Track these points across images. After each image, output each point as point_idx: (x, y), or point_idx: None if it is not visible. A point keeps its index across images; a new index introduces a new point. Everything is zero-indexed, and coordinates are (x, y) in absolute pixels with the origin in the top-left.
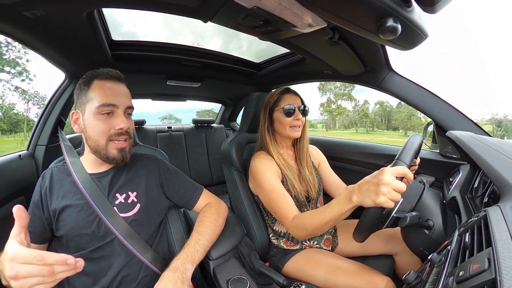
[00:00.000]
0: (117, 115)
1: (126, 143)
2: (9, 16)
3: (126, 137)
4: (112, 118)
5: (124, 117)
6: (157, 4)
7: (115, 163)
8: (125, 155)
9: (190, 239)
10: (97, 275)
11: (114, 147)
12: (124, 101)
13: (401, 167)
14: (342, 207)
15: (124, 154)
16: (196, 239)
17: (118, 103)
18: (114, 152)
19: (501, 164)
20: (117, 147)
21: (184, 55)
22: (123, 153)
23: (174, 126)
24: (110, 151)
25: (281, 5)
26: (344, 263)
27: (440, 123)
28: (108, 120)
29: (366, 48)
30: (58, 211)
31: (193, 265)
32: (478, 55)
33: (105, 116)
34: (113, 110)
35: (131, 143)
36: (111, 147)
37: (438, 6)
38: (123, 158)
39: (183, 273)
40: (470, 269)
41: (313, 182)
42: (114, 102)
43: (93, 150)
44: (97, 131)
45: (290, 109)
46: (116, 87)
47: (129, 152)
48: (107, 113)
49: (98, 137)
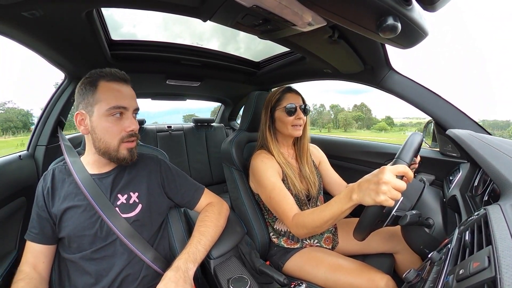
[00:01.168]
0: (127, 117)
1: (134, 143)
2: (8, 16)
3: (135, 138)
4: (122, 120)
5: (133, 118)
6: (156, 3)
7: (125, 163)
8: (133, 154)
9: (192, 238)
10: (99, 275)
11: (125, 147)
12: (133, 103)
13: (401, 165)
14: (342, 206)
15: (132, 153)
16: (198, 238)
17: (128, 105)
18: (124, 152)
19: (501, 163)
20: (128, 147)
21: (184, 55)
22: (131, 153)
23: (174, 126)
24: (121, 152)
25: (280, 4)
26: (344, 261)
27: (440, 122)
28: (119, 122)
29: (366, 47)
30: (61, 213)
31: (195, 264)
32: (478, 55)
33: (115, 118)
34: (123, 112)
35: (138, 143)
36: (123, 148)
37: (438, 5)
38: (132, 157)
39: (185, 273)
40: (470, 268)
41: (314, 180)
42: (124, 104)
43: (103, 151)
44: (109, 133)
45: (292, 108)
46: (124, 89)
47: (136, 151)
48: (117, 114)
49: (110, 139)
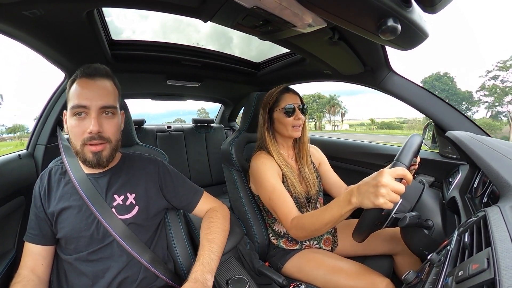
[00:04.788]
0: (89, 117)
1: (102, 147)
2: (8, 15)
3: (101, 142)
4: (84, 121)
5: (95, 119)
6: (156, 3)
7: (90, 166)
8: (101, 159)
9: (202, 248)
10: (96, 276)
11: (88, 150)
12: (97, 101)
13: (400, 168)
14: (342, 209)
15: (99, 158)
16: (209, 247)
17: (88, 104)
18: (89, 155)
19: (501, 164)
20: (91, 150)
21: (184, 55)
22: (97, 157)
23: (173, 126)
24: (85, 154)
25: (281, 5)
26: (344, 263)
27: (440, 123)
28: (80, 123)
29: (366, 48)
30: (57, 213)
31: (212, 274)
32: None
33: (78, 118)
34: (85, 111)
35: (112, 148)
36: (86, 151)
37: (438, 6)
38: (98, 162)
39: (204, 284)
40: (470, 269)
41: (313, 181)
42: (84, 103)
43: (74, 152)
44: (73, 133)
45: (290, 108)
46: (90, 85)
47: (108, 157)
48: (78, 114)
49: (75, 140)
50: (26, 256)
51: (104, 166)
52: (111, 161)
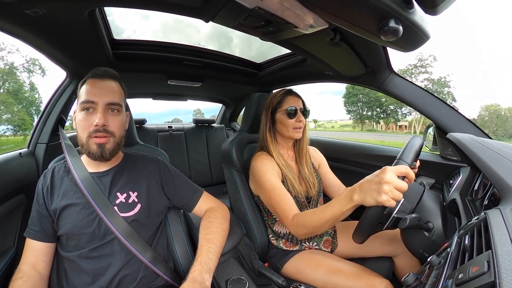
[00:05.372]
0: (96, 111)
1: (104, 140)
2: (11, 14)
3: (104, 134)
4: (92, 115)
5: (101, 113)
6: (159, 3)
7: (94, 158)
8: (104, 151)
9: (201, 248)
10: (96, 274)
11: (93, 142)
12: (104, 98)
13: (403, 166)
14: (343, 206)
15: (102, 150)
16: (208, 247)
17: (96, 100)
18: (93, 147)
19: (502, 167)
20: (96, 142)
21: (186, 55)
22: (101, 149)
23: (174, 126)
24: (90, 146)
25: (283, 6)
26: (343, 265)
27: (441, 125)
28: (88, 117)
29: (367, 49)
30: (59, 211)
31: (210, 274)
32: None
33: (86, 112)
34: (93, 107)
35: (115, 142)
36: (91, 143)
37: (440, 8)
38: (101, 154)
39: (202, 283)
40: (470, 272)
41: (313, 181)
42: (93, 99)
43: (80, 145)
44: (80, 127)
45: (292, 110)
46: (99, 84)
47: (112, 151)
48: (87, 109)
49: (81, 133)
50: (27, 252)
51: (107, 159)
52: (114, 155)
